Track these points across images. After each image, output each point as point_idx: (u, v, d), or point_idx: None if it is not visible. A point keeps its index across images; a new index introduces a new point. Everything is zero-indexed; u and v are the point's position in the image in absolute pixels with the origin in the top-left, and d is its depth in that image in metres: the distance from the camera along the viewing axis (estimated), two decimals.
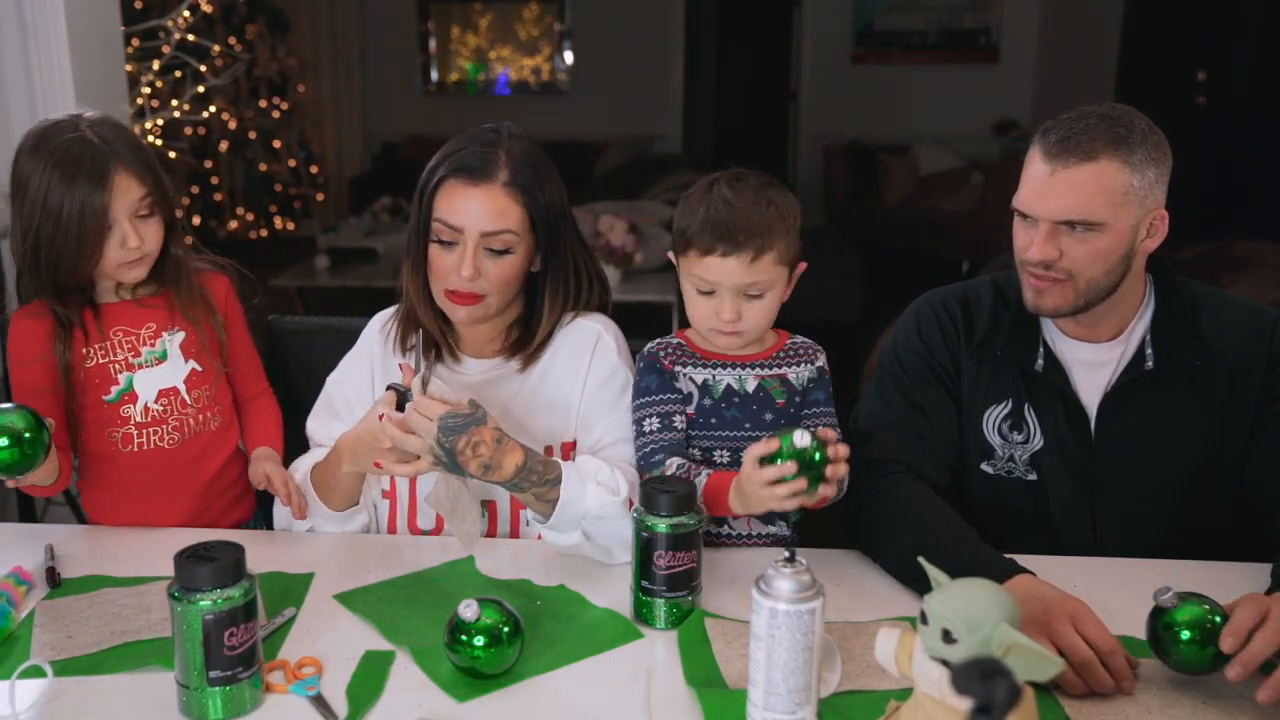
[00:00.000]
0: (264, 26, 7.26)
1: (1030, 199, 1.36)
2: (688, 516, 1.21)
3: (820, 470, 1.22)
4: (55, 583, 1.32)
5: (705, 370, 1.45)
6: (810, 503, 1.29)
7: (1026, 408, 1.48)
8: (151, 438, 1.54)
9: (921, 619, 0.87)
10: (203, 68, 3.43)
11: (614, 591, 1.29)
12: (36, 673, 1.08)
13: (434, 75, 8.69)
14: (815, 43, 8.21)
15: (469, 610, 1.09)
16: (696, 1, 8.41)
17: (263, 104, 7.41)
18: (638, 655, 1.18)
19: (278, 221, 7.61)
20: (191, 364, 1.56)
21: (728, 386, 1.44)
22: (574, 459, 1.44)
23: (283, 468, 1.54)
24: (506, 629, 1.10)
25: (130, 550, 1.44)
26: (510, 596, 1.20)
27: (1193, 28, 6.38)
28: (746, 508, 1.29)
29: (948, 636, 0.85)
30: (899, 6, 8.07)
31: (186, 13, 3.19)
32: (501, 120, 1.49)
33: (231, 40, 6.72)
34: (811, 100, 8.31)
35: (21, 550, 1.41)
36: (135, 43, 3.42)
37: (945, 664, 0.86)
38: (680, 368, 1.45)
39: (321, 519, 1.48)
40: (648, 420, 1.42)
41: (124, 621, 1.22)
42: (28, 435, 1.28)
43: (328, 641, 1.19)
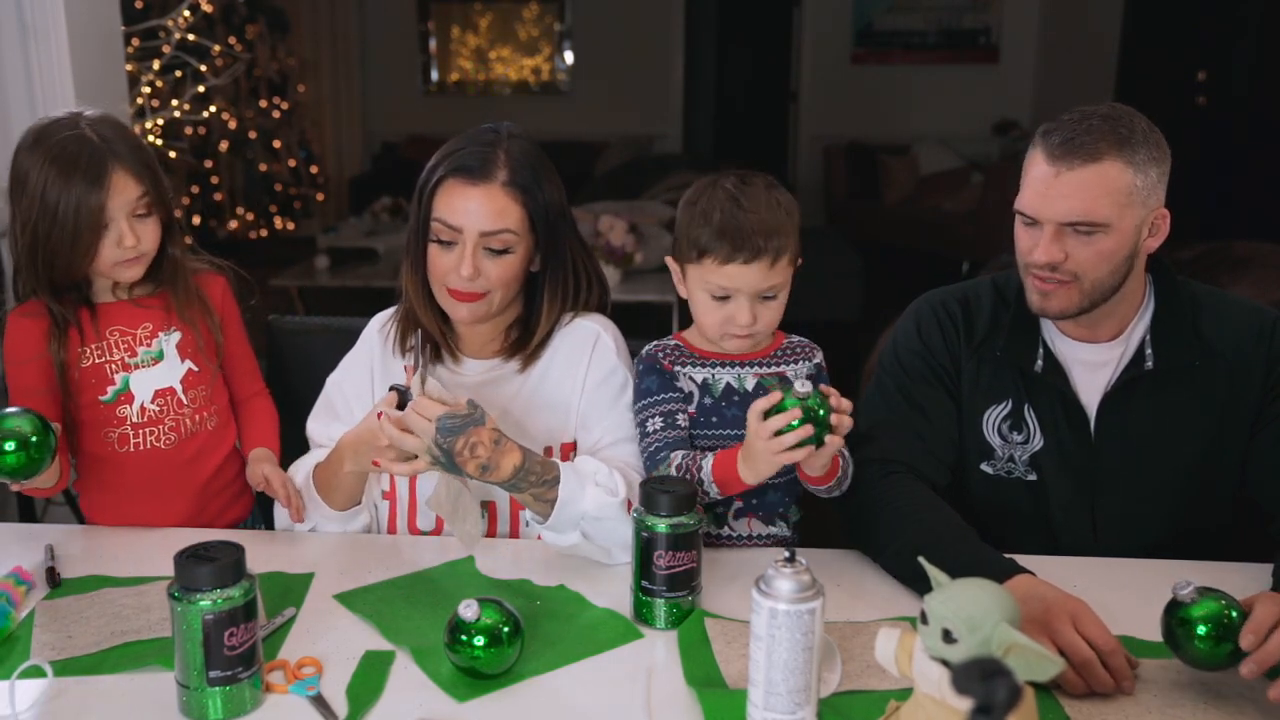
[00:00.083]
0: (264, 26, 7.26)
1: (1035, 201, 1.36)
2: (688, 516, 1.21)
3: (825, 421, 1.23)
4: (55, 583, 1.32)
5: (705, 370, 1.45)
6: (817, 470, 1.31)
7: (1026, 408, 1.48)
8: (148, 438, 1.54)
9: (921, 619, 0.87)
10: (203, 68, 3.43)
11: (614, 591, 1.29)
12: (36, 673, 1.08)
13: (434, 75, 8.69)
14: (815, 43, 8.21)
15: (469, 610, 1.09)
16: (696, 1, 8.41)
17: (263, 104, 7.41)
18: (638, 655, 1.18)
19: (278, 221, 7.61)
20: (188, 364, 1.56)
21: (727, 385, 1.44)
22: (574, 460, 1.44)
23: (281, 469, 1.54)
24: (506, 629, 1.10)
25: (130, 550, 1.44)
26: (510, 596, 1.20)
27: (1193, 28, 6.38)
28: (757, 472, 1.29)
29: (948, 636, 0.85)
30: (899, 6, 8.07)
31: (186, 13, 3.19)
32: (501, 120, 1.49)
33: (231, 40, 6.72)
34: (811, 100, 8.31)
35: (21, 550, 1.41)
36: (135, 43, 3.42)
37: (945, 664, 0.86)
38: (679, 367, 1.44)
39: (323, 518, 1.48)
40: (650, 421, 1.42)
41: (124, 621, 1.22)
42: (34, 439, 1.28)
43: (328, 641, 1.19)
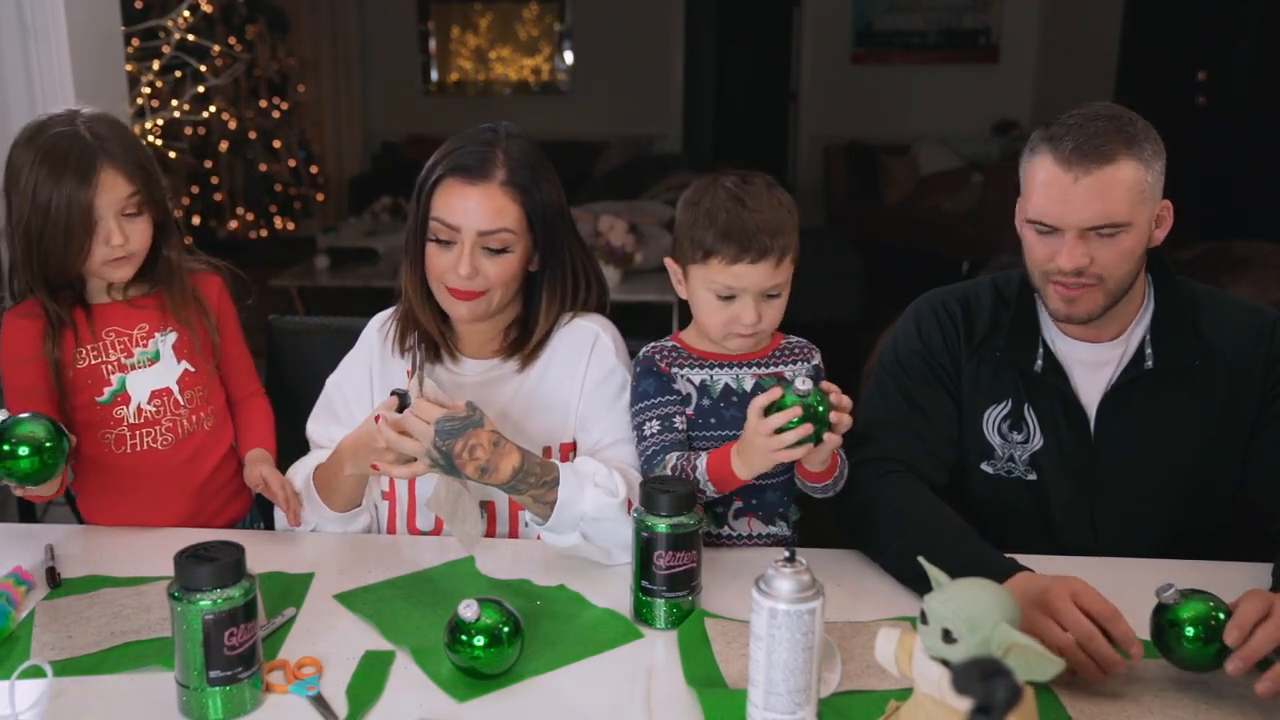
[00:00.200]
0: (264, 26, 7.26)
1: (1054, 209, 1.34)
2: (688, 516, 1.21)
3: (824, 419, 1.23)
4: (55, 583, 1.32)
5: (703, 371, 1.45)
6: (817, 465, 1.31)
7: (1026, 408, 1.48)
8: (144, 439, 1.54)
9: (921, 619, 0.87)
10: (203, 68, 3.43)
11: (614, 591, 1.29)
12: (36, 673, 1.08)
13: (434, 75, 8.69)
14: (815, 43, 8.21)
15: (469, 610, 1.09)
16: (696, 1, 8.41)
17: (263, 104, 7.41)
18: (638, 655, 1.18)
19: (278, 221, 7.61)
20: (184, 365, 1.56)
21: (726, 386, 1.44)
22: (573, 460, 1.44)
23: (278, 471, 1.54)
24: (506, 629, 1.10)
25: (130, 550, 1.44)
26: (510, 596, 1.20)
27: (1193, 28, 6.37)
28: (752, 467, 1.29)
29: (948, 636, 0.85)
30: (899, 6, 8.07)
31: (186, 13, 3.19)
32: (501, 120, 1.49)
33: (231, 40, 6.72)
34: (811, 100, 8.31)
35: (21, 550, 1.41)
36: (135, 43, 3.42)
37: (945, 664, 0.86)
38: (677, 369, 1.44)
39: (324, 520, 1.48)
40: (648, 424, 1.42)
41: (124, 621, 1.22)
42: (48, 444, 1.29)
43: (328, 641, 1.19)
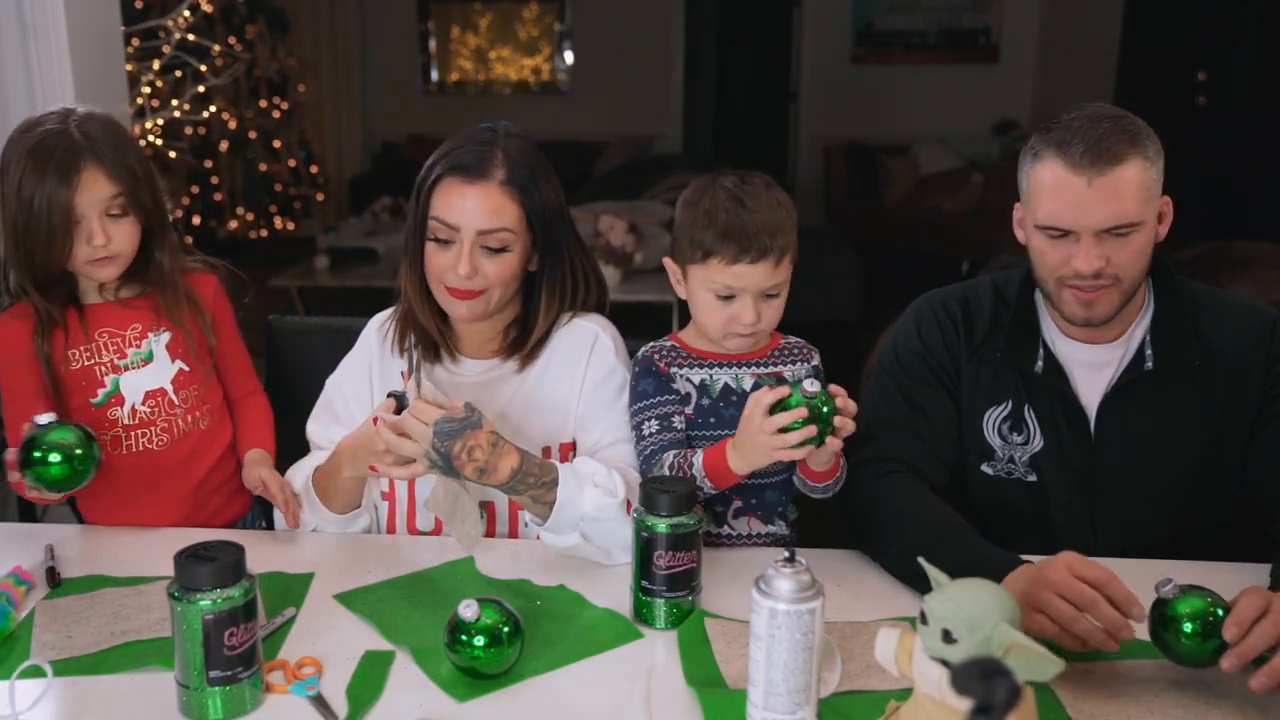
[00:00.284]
0: (264, 26, 7.26)
1: (1069, 213, 1.33)
2: (688, 516, 1.21)
3: (829, 421, 1.24)
4: (55, 583, 1.32)
5: (702, 370, 1.45)
6: (820, 465, 1.32)
7: (1026, 409, 1.48)
8: (140, 440, 1.54)
9: (921, 619, 0.87)
10: (203, 68, 3.43)
11: (614, 591, 1.29)
12: (36, 673, 1.08)
13: (434, 75, 8.69)
14: (815, 43, 8.21)
15: (469, 610, 1.09)
16: (696, 1, 8.41)
17: (263, 104, 7.41)
18: (638, 655, 1.18)
19: (278, 221, 7.61)
20: (179, 364, 1.55)
21: (725, 386, 1.44)
22: (573, 461, 1.44)
23: (277, 472, 1.53)
24: (506, 629, 1.10)
25: (130, 550, 1.44)
26: (510, 596, 1.20)
27: (1193, 28, 6.37)
28: (749, 462, 1.29)
29: (948, 636, 0.85)
30: (899, 6, 8.07)
31: (186, 13, 3.20)
32: (500, 120, 1.48)
33: (231, 40, 6.72)
34: (811, 100, 8.31)
35: (21, 550, 1.41)
36: (135, 43, 3.42)
37: (945, 664, 0.86)
38: (676, 369, 1.44)
39: (324, 521, 1.48)
40: (647, 424, 1.42)
41: (124, 621, 1.22)
42: (79, 451, 1.31)
43: (328, 641, 1.19)
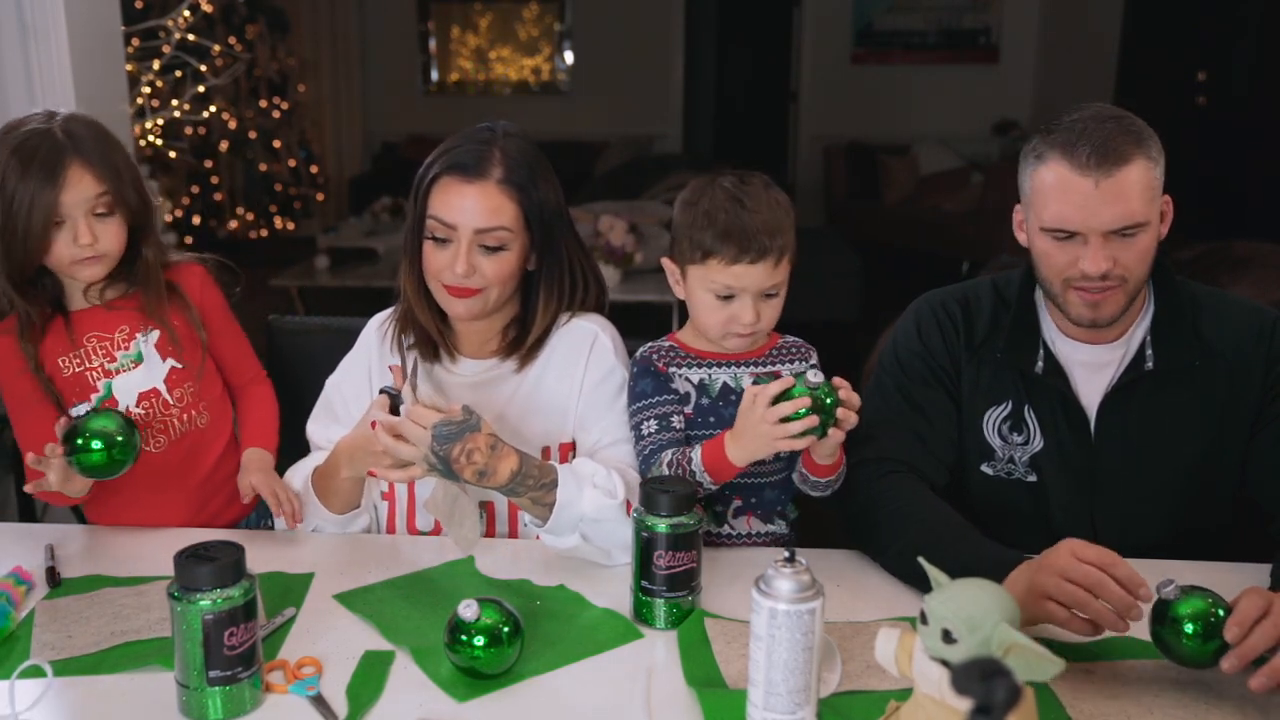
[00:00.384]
0: (264, 26, 7.26)
1: (1075, 215, 1.33)
2: (688, 516, 1.21)
3: (831, 412, 1.25)
4: (55, 583, 1.32)
5: (701, 370, 1.45)
6: (824, 458, 1.32)
7: (1026, 409, 1.48)
8: None
9: (921, 619, 0.87)
10: (203, 68, 3.43)
11: (614, 591, 1.29)
12: (36, 673, 1.08)
13: (434, 75, 8.69)
14: (815, 43, 8.21)
15: (469, 610, 1.09)
16: (696, 1, 8.41)
17: (263, 104, 7.41)
18: (638, 655, 1.18)
19: (278, 221, 7.61)
20: (170, 363, 1.54)
21: (724, 385, 1.44)
22: (572, 461, 1.44)
23: (272, 474, 1.52)
24: (506, 629, 1.10)
25: (130, 550, 1.44)
26: (510, 596, 1.20)
27: (1193, 28, 6.37)
28: (749, 452, 1.30)
29: (948, 636, 0.85)
30: (899, 6, 8.07)
31: (186, 13, 3.20)
32: (500, 120, 1.49)
33: (231, 40, 6.72)
34: (811, 100, 8.31)
35: (21, 550, 1.41)
36: (135, 43, 3.42)
37: (945, 664, 0.86)
38: (675, 369, 1.44)
39: (323, 521, 1.48)
40: (645, 424, 1.42)
41: (124, 621, 1.22)
42: (120, 439, 1.33)
43: (328, 641, 1.19)
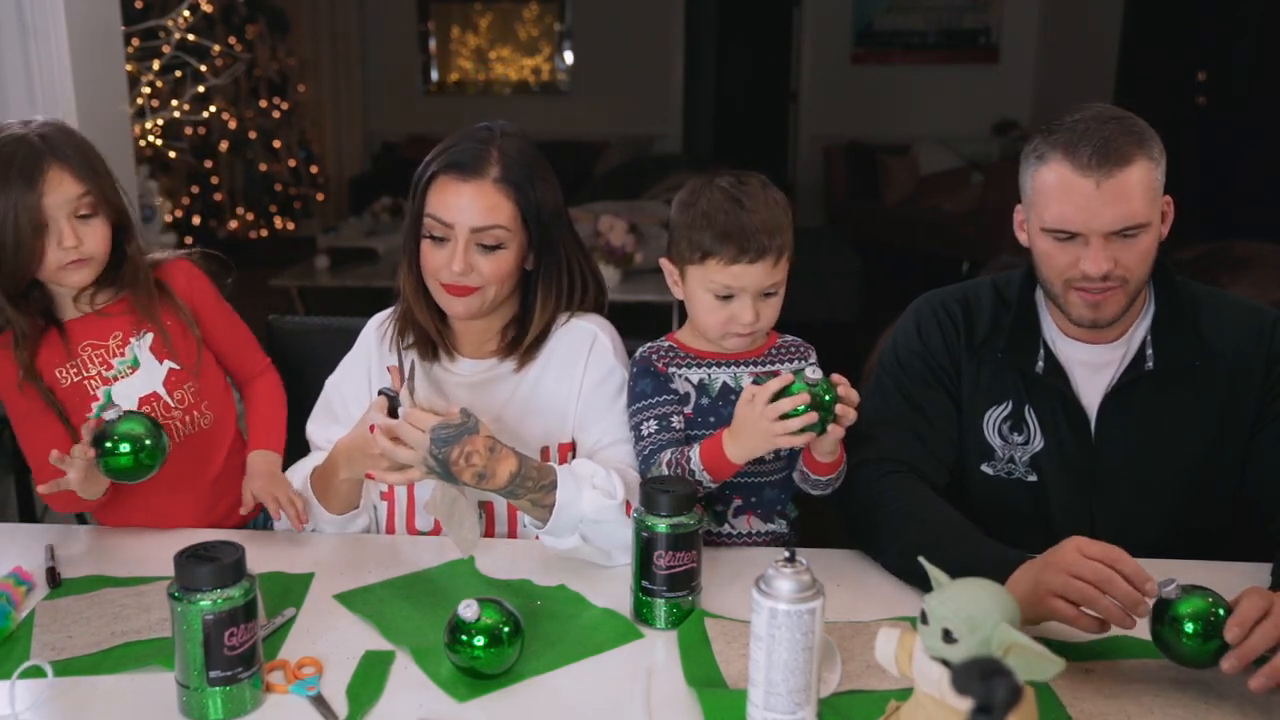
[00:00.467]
0: (264, 26, 7.26)
1: (1077, 216, 1.33)
2: (688, 516, 1.21)
3: (830, 409, 1.26)
4: (55, 583, 1.32)
5: (700, 370, 1.45)
6: (825, 455, 1.33)
7: (1027, 409, 1.48)
8: None
9: (921, 619, 0.87)
10: (203, 68, 3.43)
11: (614, 591, 1.29)
12: (36, 673, 1.08)
13: (434, 75, 8.69)
14: (815, 43, 8.21)
15: (469, 610, 1.09)
16: (696, 1, 8.40)
17: (263, 104, 7.41)
18: (638, 655, 1.18)
19: (278, 221, 7.61)
20: (167, 365, 1.52)
21: (724, 385, 1.44)
22: (571, 462, 1.44)
23: (275, 477, 1.51)
24: (506, 629, 1.10)
25: (130, 550, 1.44)
26: (510, 596, 1.20)
27: (1193, 28, 6.37)
28: (747, 449, 1.30)
29: (948, 636, 0.85)
30: (899, 6, 8.07)
31: (186, 13, 3.20)
32: (499, 120, 1.49)
33: (231, 40, 6.72)
34: (811, 100, 8.31)
35: (21, 550, 1.41)
36: (135, 43, 3.42)
37: (945, 664, 0.86)
38: (675, 369, 1.44)
39: (322, 522, 1.48)
40: (645, 424, 1.42)
41: (124, 621, 1.22)
42: (148, 442, 1.32)
43: (328, 641, 1.19)
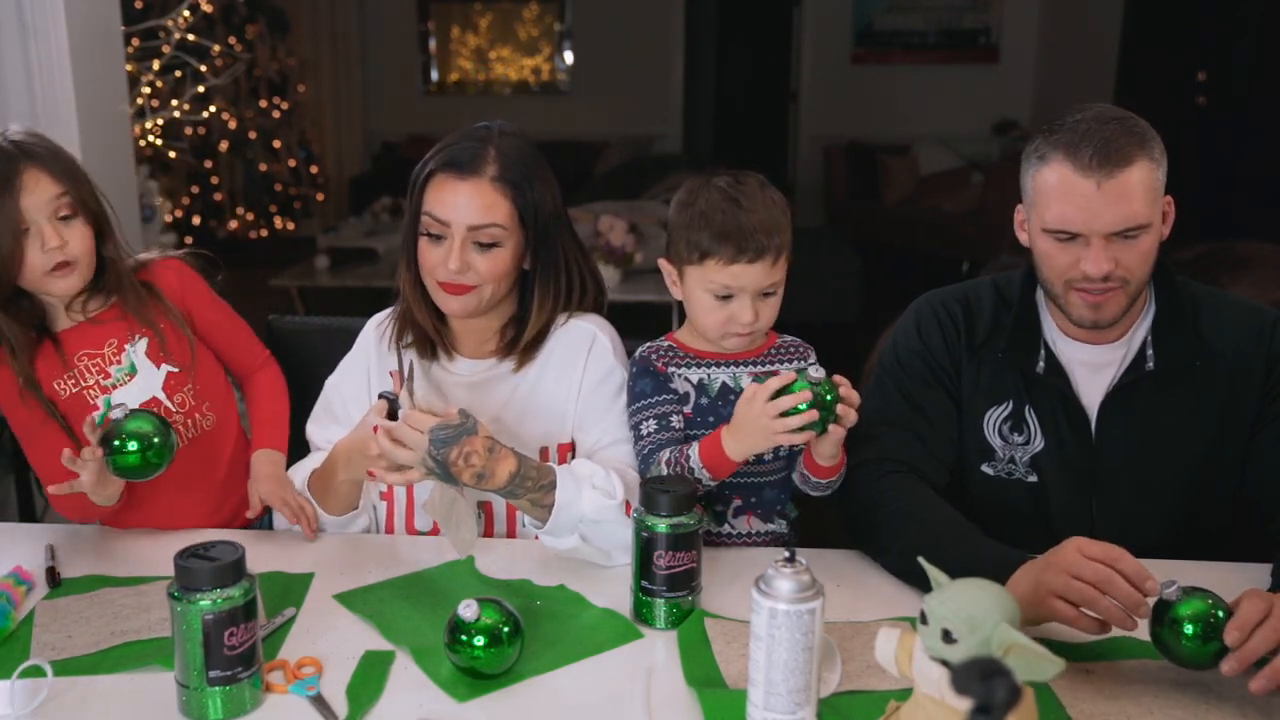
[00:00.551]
0: (264, 26, 7.26)
1: (1078, 216, 1.33)
2: (688, 516, 1.21)
3: (831, 409, 1.26)
4: (55, 583, 1.32)
5: (700, 370, 1.45)
6: (827, 459, 1.34)
7: (1027, 409, 1.48)
8: None
9: (921, 619, 0.87)
10: (203, 68, 3.43)
11: (614, 591, 1.29)
12: (36, 673, 1.08)
13: (434, 75, 8.69)
14: (815, 43, 8.21)
15: (469, 610, 1.09)
16: (696, 1, 8.41)
17: (263, 104, 7.41)
18: (638, 655, 1.18)
19: (278, 221, 7.61)
20: (165, 369, 1.51)
21: (723, 385, 1.44)
22: (570, 462, 1.44)
23: (283, 480, 1.50)
24: (506, 629, 1.10)
25: (130, 550, 1.44)
26: (510, 596, 1.20)
27: (1193, 28, 6.37)
28: (747, 446, 1.30)
29: (948, 636, 0.85)
30: (899, 6, 8.07)
31: (186, 13, 3.20)
32: (499, 120, 1.49)
33: (231, 40, 6.72)
34: (811, 100, 8.31)
35: (21, 550, 1.41)
36: (135, 43, 3.42)
37: (945, 664, 0.86)
38: (674, 369, 1.44)
39: (321, 523, 1.48)
40: (645, 423, 1.42)
41: (124, 621, 1.22)
42: (156, 440, 1.32)
43: (328, 641, 1.19)
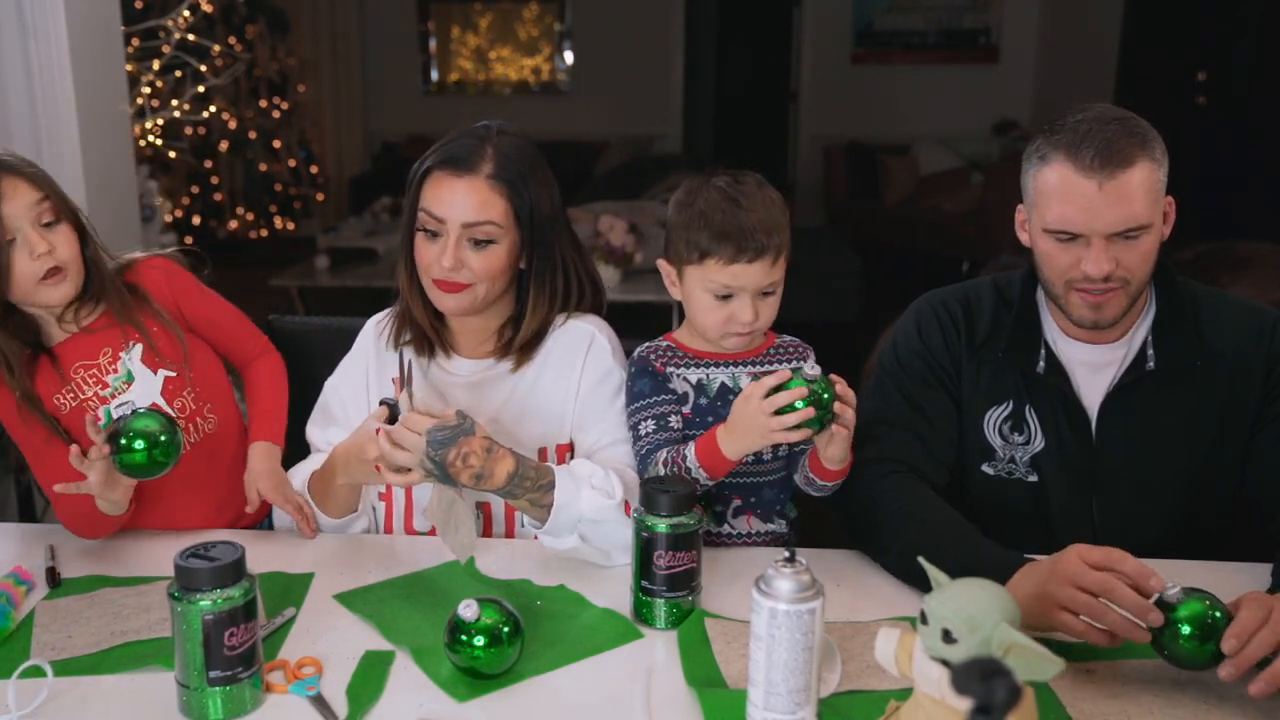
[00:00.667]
0: (264, 26, 7.26)
1: (1079, 217, 1.33)
2: (688, 516, 1.21)
3: (828, 407, 1.26)
4: (55, 583, 1.32)
5: (699, 370, 1.45)
6: (835, 463, 1.34)
7: (1027, 409, 1.48)
8: None
9: (921, 619, 0.87)
10: (203, 68, 3.44)
11: (614, 591, 1.29)
12: (36, 673, 1.08)
13: (434, 75, 8.69)
14: (815, 43, 8.21)
15: (469, 610, 1.09)
16: (696, 1, 8.41)
17: (263, 104, 7.41)
18: (638, 655, 1.18)
19: (278, 221, 7.61)
20: (162, 374, 1.50)
21: (722, 385, 1.44)
22: (569, 463, 1.43)
23: (281, 478, 1.50)
24: (506, 629, 1.10)
25: (130, 550, 1.44)
26: (510, 596, 1.20)
27: (1193, 28, 6.37)
28: (743, 445, 1.30)
29: (948, 636, 0.85)
30: (899, 6, 8.07)
31: (186, 13, 3.20)
32: (498, 120, 1.49)
33: (231, 40, 6.72)
34: (811, 100, 8.31)
35: (21, 550, 1.41)
36: (135, 43, 3.43)
37: (945, 664, 0.86)
38: (673, 369, 1.44)
39: (321, 525, 1.48)
40: (643, 423, 1.42)
41: (124, 621, 1.22)
42: (163, 438, 1.32)
43: (328, 641, 1.19)
